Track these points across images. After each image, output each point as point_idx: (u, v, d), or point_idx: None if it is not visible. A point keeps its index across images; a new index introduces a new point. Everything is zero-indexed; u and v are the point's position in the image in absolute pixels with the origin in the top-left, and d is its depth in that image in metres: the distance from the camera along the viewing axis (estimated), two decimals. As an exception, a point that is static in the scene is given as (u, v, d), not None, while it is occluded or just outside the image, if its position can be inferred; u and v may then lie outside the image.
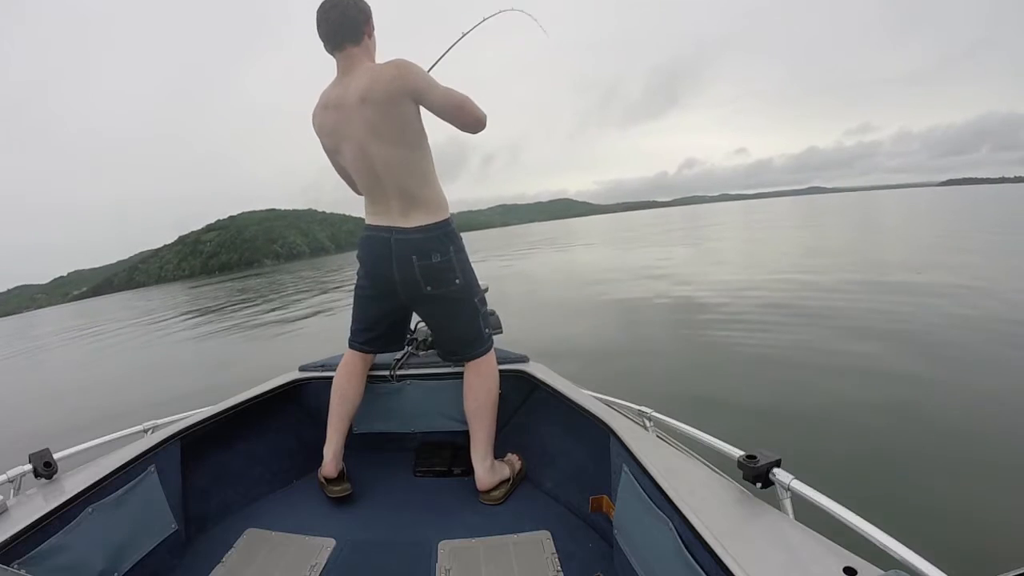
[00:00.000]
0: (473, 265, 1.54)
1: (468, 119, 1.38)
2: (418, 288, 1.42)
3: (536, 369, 1.63)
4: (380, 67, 1.34)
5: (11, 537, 0.89)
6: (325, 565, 1.21)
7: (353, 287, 1.59)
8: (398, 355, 1.77)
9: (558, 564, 1.16)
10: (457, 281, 1.44)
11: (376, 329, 1.59)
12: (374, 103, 1.30)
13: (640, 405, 1.33)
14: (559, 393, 1.45)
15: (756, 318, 5.75)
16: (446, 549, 1.24)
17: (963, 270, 7.63)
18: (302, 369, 1.80)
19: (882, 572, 0.58)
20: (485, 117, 1.41)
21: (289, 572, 1.19)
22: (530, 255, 21.01)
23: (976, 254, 9.73)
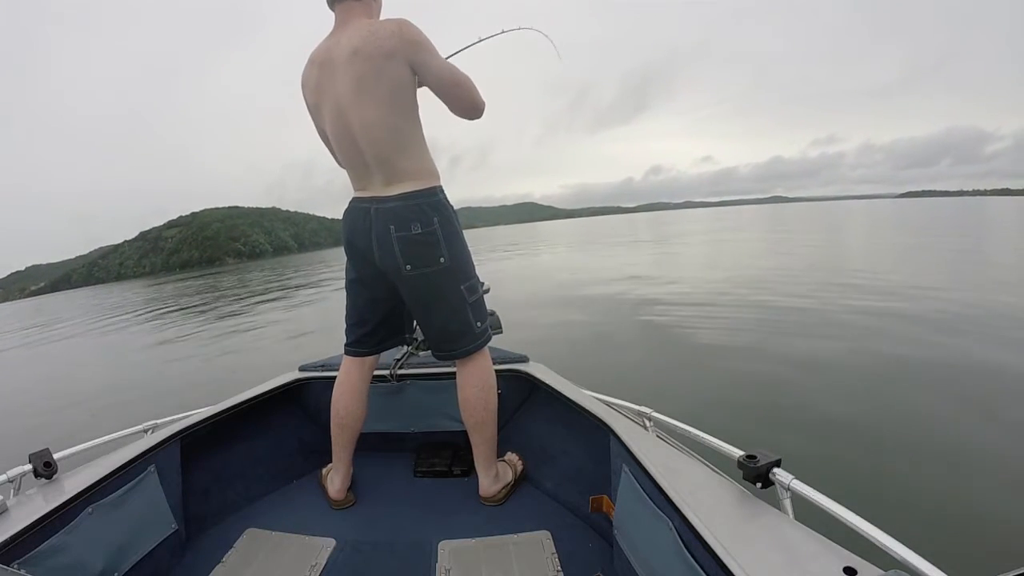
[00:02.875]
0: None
1: (465, 100, 1.27)
2: (398, 267, 1.27)
3: (536, 369, 1.63)
4: (379, 22, 1.22)
5: (11, 537, 0.89)
6: (325, 565, 1.21)
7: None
8: (398, 355, 1.77)
9: (558, 564, 1.16)
10: (442, 260, 1.28)
11: (369, 321, 1.44)
12: (366, 58, 1.18)
13: (640, 405, 1.33)
14: (559, 393, 1.45)
15: (747, 318, 5.76)
16: (446, 549, 1.24)
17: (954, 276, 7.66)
18: (302, 369, 1.80)
19: (882, 572, 0.58)
20: (483, 104, 1.28)
21: (289, 572, 1.19)
22: (502, 259, 20.51)
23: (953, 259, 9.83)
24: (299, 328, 8.97)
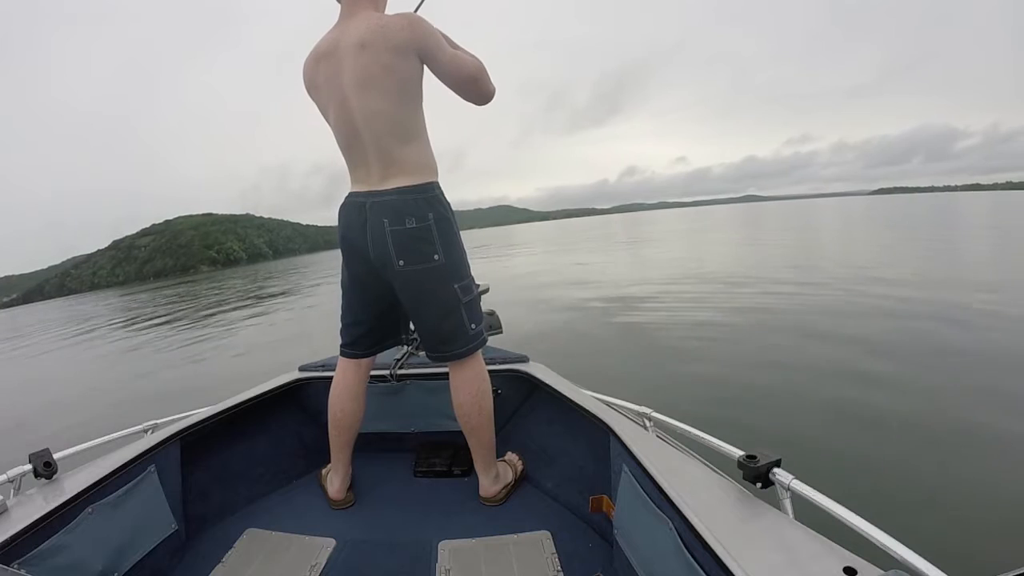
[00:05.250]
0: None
1: (474, 90, 1.27)
2: (390, 262, 1.25)
3: (536, 369, 1.63)
4: (389, 17, 1.22)
5: (11, 537, 0.89)
6: (325, 565, 1.21)
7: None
8: (398, 355, 1.77)
9: (558, 564, 1.16)
10: (436, 257, 1.26)
11: (364, 321, 1.42)
12: (375, 51, 1.17)
13: (640, 405, 1.33)
14: (559, 393, 1.45)
15: (749, 318, 5.76)
16: (446, 549, 1.24)
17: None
18: (302, 369, 1.80)
19: (882, 572, 0.58)
20: (493, 91, 1.29)
21: (289, 572, 1.19)
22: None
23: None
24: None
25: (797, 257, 12.06)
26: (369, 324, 1.44)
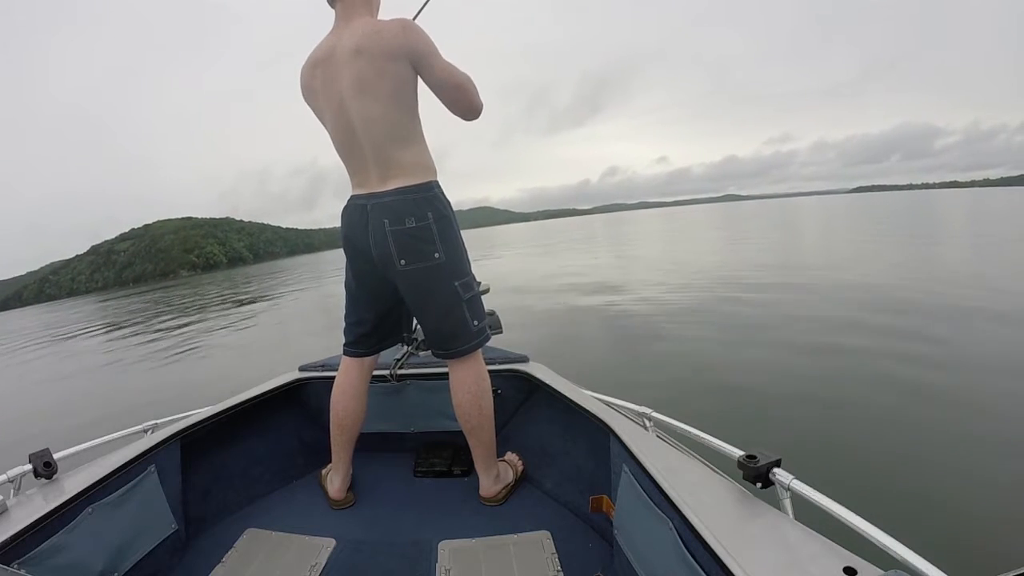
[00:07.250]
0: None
1: (464, 102, 1.28)
2: (392, 262, 1.28)
3: (536, 369, 1.63)
4: (384, 22, 1.23)
5: (11, 537, 0.89)
6: (325, 565, 1.21)
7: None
8: (398, 355, 1.77)
9: (558, 564, 1.16)
10: (436, 256, 1.28)
11: (367, 321, 1.44)
12: (370, 57, 1.19)
13: (640, 405, 1.33)
14: (559, 393, 1.45)
15: (755, 316, 5.76)
16: (446, 549, 1.24)
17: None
18: (302, 369, 1.80)
19: (882, 572, 0.58)
20: (481, 106, 1.31)
21: (289, 572, 1.19)
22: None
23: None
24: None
25: (793, 257, 12.05)
26: (372, 323, 1.45)
